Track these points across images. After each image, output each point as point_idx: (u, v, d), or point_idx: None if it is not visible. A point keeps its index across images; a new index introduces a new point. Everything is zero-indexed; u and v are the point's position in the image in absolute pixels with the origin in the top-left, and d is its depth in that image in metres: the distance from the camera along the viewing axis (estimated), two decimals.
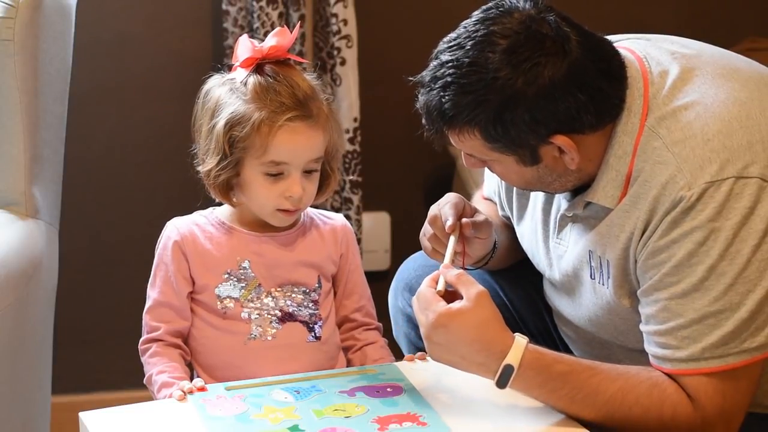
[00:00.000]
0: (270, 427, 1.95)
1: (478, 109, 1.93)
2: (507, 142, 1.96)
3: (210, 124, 2.11)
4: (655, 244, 1.95)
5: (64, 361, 2.95)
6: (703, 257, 1.92)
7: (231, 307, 2.16)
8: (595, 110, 1.95)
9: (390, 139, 3.42)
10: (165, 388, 2.09)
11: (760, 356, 1.95)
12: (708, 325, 1.93)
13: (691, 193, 1.92)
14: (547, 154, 1.98)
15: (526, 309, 2.36)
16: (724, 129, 1.94)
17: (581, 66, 1.94)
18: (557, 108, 1.93)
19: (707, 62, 2.04)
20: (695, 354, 1.94)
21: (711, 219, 1.91)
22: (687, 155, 1.93)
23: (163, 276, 2.17)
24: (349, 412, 1.99)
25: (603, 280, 2.05)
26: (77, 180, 3.09)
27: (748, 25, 3.49)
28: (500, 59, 1.92)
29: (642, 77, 2.00)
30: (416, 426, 1.95)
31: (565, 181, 2.03)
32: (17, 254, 2.40)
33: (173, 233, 2.18)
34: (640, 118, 1.98)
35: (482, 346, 1.95)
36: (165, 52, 3.24)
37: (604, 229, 2.02)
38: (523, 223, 2.24)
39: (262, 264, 2.17)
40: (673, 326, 1.95)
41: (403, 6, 3.37)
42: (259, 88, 2.08)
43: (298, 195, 2.10)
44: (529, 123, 1.93)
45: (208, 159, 2.12)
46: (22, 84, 2.51)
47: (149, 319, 2.18)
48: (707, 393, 1.95)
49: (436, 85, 1.96)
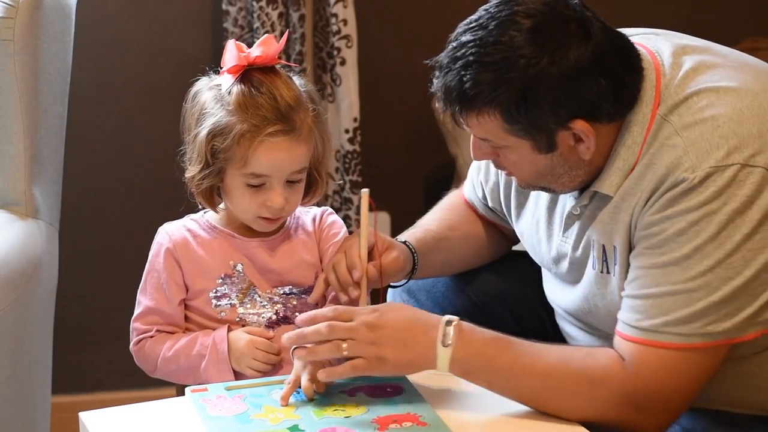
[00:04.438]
0: (270, 427, 1.95)
1: (501, 87, 1.91)
2: (527, 124, 1.94)
3: (193, 132, 2.11)
4: (650, 218, 1.95)
5: (64, 361, 2.95)
6: (692, 236, 1.91)
7: (226, 312, 2.16)
8: (614, 98, 1.95)
9: (390, 139, 3.42)
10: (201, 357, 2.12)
11: (722, 342, 1.93)
12: (678, 300, 1.92)
13: (694, 176, 1.91)
14: (564, 141, 1.97)
15: (525, 309, 2.36)
16: (735, 116, 1.94)
17: (604, 51, 1.93)
18: (580, 91, 1.92)
19: (718, 55, 2.05)
20: (657, 325, 1.93)
21: (708, 201, 1.91)
22: (695, 139, 1.93)
23: (154, 283, 2.17)
24: (348, 412, 1.99)
25: (608, 268, 2.04)
26: (77, 180, 3.09)
27: (748, 25, 3.49)
28: (525, 38, 1.91)
29: (654, 69, 2.00)
30: (416, 426, 1.95)
31: (575, 175, 2.03)
32: (17, 254, 2.40)
33: (165, 240, 2.18)
34: (651, 108, 1.98)
35: (418, 320, 1.99)
36: (165, 53, 3.24)
37: (607, 216, 2.02)
38: (523, 220, 2.24)
39: (254, 268, 2.17)
40: (645, 293, 1.94)
41: (403, 6, 3.37)
42: (242, 99, 2.07)
43: (279, 206, 2.10)
44: (552, 104, 1.92)
45: (191, 166, 2.12)
46: (22, 84, 2.51)
47: (139, 324, 2.18)
48: (650, 365, 1.93)
49: (456, 66, 1.94)
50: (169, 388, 2.25)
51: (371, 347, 1.97)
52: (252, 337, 2.12)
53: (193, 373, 2.13)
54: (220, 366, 2.11)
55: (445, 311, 2.34)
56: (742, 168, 1.91)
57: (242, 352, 2.11)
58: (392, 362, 1.98)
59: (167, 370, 2.16)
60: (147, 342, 2.16)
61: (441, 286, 2.38)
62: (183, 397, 2.08)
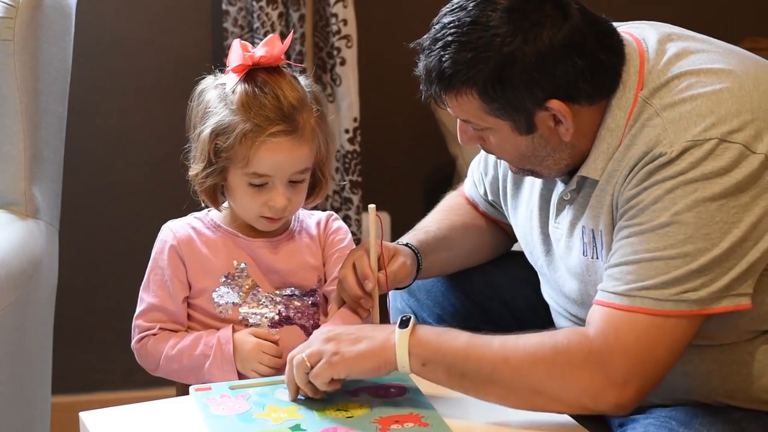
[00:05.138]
0: (272, 427, 1.95)
1: (478, 66, 1.94)
2: (504, 104, 1.96)
3: (197, 131, 2.12)
4: (629, 192, 1.96)
5: (64, 361, 2.95)
6: (668, 204, 1.92)
7: (229, 312, 2.16)
8: (592, 79, 1.96)
9: (390, 139, 3.42)
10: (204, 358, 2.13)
11: (695, 312, 1.92)
12: (655, 267, 1.92)
13: (671, 150, 1.93)
14: (543, 122, 1.98)
15: (524, 308, 2.36)
16: (714, 96, 1.96)
17: (581, 33, 1.95)
18: (555, 71, 1.94)
19: (705, 42, 2.07)
20: (632, 290, 1.92)
21: (684, 172, 1.92)
22: (674, 117, 1.95)
23: (158, 280, 2.17)
24: (351, 412, 1.99)
25: (597, 253, 2.05)
26: (77, 180, 3.09)
27: (748, 25, 3.49)
28: (500, 17, 1.93)
29: (639, 55, 2.02)
30: (418, 427, 1.95)
31: (559, 158, 2.04)
32: (17, 254, 2.40)
33: (169, 237, 2.18)
34: (634, 92, 1.99)
35: (373, 326, 2.05)
36: (165, 53, 3.24)
37: (594, 200, 2.04)
38: (518, 212, 2.24)
39: (258, 268, 2.17)
40: (622, 261, 1.95)
41: (403, 6, 3.37)
42: (245, 98, 2.08)
43: (281, 206, 2.11)
44: (527, 83, 1.94)
45: (194, 164, 2.13)
46: (22, 84, 2.51)
47: (142, 321, 2.18)
48: (618, 329, 1.92)
49: (436, 47, 1.97)
50: (169, 388, 2.26)
51: (328, 345, 1.99)
52: (259, 340, 2.12)
53: (196, 373, 2.13)
54: (224, 366, 2.11)
55: (445, 310, 2.35)
56: (720, 143, 1.92)
57: (248, 355, 2.11)
58: (350, 355, 1.98)
59: (169, 369, 2.16)
60: (150, 340, 2.16)
61: (441, 285, 2.38)
62: (183, 397, 2.08)
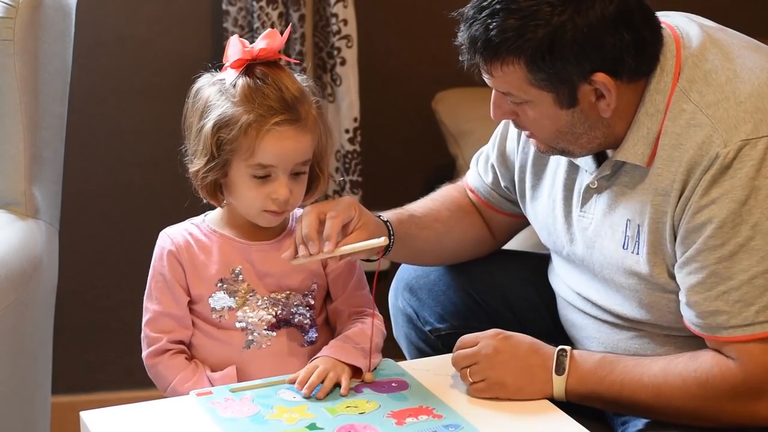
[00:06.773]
0: (287, 427, 1.95)
1: (527, 35, 1.93)
2: (551, 74, 1.96)
3: (198, 125, 2.11)
4: (697, 204, 1.96)
5: (64, 361, 2.95)
6: (746, 216, 1.93)
7: (226, 316, 2.16)
8: (636, 55, 1.97)
9: (390, 139, 3.42)
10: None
11: None
12: (758, 286, 1.94)
13: (727, 150, 1.94)
14: (585, 97, 1.99)
15: (526, 307, 2.36)
16: (755, 92, 1.97)
17: (629, 7, 1.96)
18: (604, 43, 1.94)
19: (733, 35, 2.09)
20: (749, 318, 1.94)
21: (751, 177, 1.93)
22: (721, 116, 1.96)
23: (160, 287, 2.17)
24: (361, 408, 2.00)
25: (637, 248, 2.05)
26: (77, 180, 3.09)
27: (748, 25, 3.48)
28: None
29: (674, 41, 2.03)
30: (432, 419, 1.97)
31: (593, 135, 2.04)
32: (17, 254, 2.40)
33: (167, 243, 2.17)
34: (672, 77, 2.01)
35: (537, 350, 2.08)
36: (165, 52, 3.24)
37: (638, 195, 2.04)
38: (538, 202, 2.24)
39: (254, 272, 2.16)
40: (723, 290, 1.95)
41: (403, 6, 3.37)
42: (247, 90, 2.08)
43: (285, 197, 2.10)
44: (577, 54, 1.94)
45: (196, 160, 2.12)
46: (22, 84, 2.51)
47: (149, 330, 2.17)
48: (754, 357, 1.95)
49: (482, 15, 1.96)
50: None
51: (492, 372, 2.05)
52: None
53: None
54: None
55: (447, 309, 2.35)
56: None
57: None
58: (512, 388, 2.05)
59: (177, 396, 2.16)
60: (161, 363, 2.15)
61: (442, 285, 2.38)
62: (183, 396, 2.08)
